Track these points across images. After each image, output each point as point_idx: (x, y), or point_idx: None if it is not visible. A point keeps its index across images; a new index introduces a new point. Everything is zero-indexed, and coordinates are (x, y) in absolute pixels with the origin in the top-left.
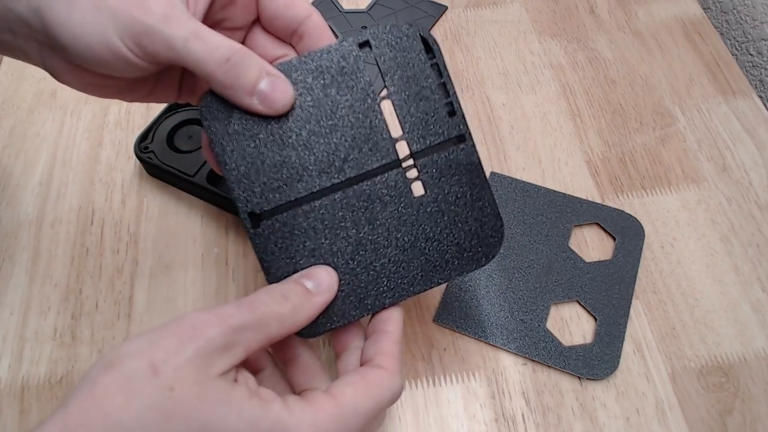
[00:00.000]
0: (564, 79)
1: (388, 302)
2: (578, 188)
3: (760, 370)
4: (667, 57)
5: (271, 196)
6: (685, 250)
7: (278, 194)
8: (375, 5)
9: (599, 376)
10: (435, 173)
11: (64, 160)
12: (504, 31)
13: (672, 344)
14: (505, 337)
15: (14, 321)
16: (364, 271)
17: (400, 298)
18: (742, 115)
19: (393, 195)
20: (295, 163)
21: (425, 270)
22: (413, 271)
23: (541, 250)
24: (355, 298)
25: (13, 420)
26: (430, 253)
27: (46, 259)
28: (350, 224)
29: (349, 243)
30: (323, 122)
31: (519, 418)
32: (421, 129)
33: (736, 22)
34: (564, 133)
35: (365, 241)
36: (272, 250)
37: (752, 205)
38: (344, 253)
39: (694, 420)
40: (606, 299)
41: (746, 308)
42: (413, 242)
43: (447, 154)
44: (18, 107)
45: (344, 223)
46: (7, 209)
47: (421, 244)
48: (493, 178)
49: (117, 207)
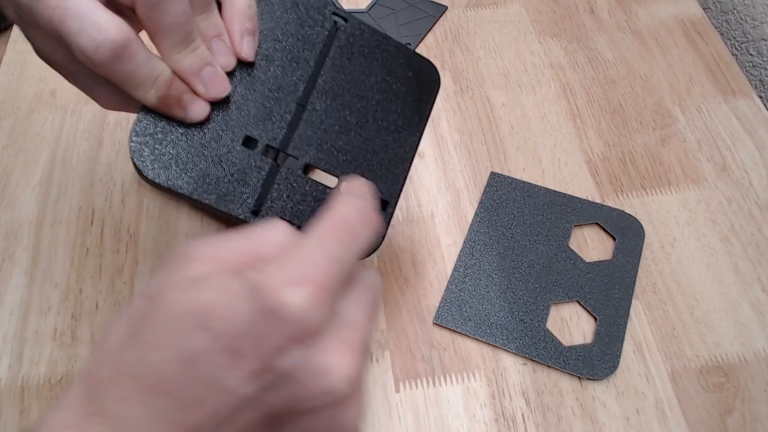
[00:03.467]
0: (564, 79)
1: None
2: (578, 188)
3: (760, 370)
4: (667, 57)
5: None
6: (685, 250)
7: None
8: (375, 5)
9: (599, 376)
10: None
11: (64, 160)
12: (504, 31)
13: (672, 344)
14: (505, 337)
15: (14, 321)
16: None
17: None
18: (742, 115)
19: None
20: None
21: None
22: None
23: (541, 250)
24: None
25: (13, 420)
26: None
27: (46, 259)
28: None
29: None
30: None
31: (519, 418)
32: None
33: (736, 22)
34: (564, 133)
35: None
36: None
37: (752, 205)
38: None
39: (694, 420)
40: (606, 299)
41: (746, 308)
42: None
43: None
44: (18, 107)
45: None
46: (7, 209)
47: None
48: (493, 178)
49: (117, 207)
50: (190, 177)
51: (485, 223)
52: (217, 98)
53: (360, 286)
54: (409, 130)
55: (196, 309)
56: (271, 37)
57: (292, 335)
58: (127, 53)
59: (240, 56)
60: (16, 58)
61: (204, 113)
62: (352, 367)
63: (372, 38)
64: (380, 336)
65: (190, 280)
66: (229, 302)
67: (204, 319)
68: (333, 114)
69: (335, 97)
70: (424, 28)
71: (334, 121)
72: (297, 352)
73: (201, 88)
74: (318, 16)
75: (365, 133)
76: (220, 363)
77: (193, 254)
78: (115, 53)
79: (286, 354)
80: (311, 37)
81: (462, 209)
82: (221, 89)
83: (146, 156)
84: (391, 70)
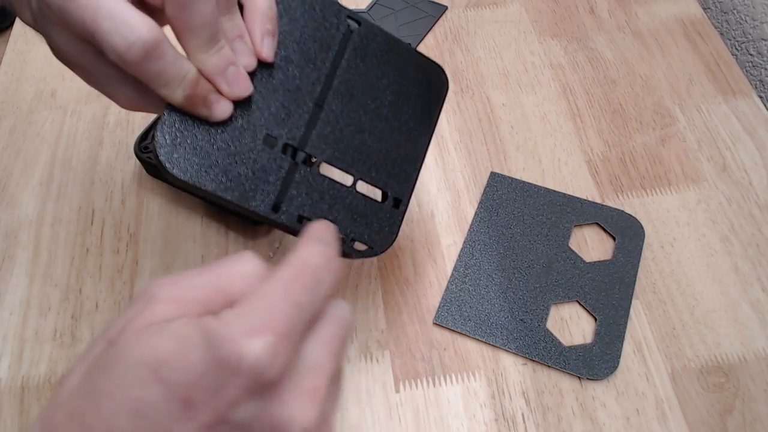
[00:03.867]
0: (564, 79)
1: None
2: (578, 188)
3: (760, 370)
4: (667, 57)
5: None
6: (685, 250)
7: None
8: (375, 5)
9: (599, 376)
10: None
11: (64, 160)
12: (504, 31)
13: (672, 344)
14: (505, 337)
15: (14, 321)
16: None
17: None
18: (742, 115)
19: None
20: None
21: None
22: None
23: (541, 250)
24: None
25: (13, 420)
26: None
27: (46, 259)
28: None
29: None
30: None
31: (519, 418)
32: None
33: (736, 22)
34: (564, 133)
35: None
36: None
37: (752, 205)
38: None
39: (694, 420)
40: (606, 299)
41: (746, 308)
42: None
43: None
44: (18, 107)
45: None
46: (7, 209)
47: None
48: (493, 178)
49: (117, 207)
50: (214, 174)
51: (485, 223)
52: (241, 97)
53: (326, 324)
54: (420, 131)
55: (151, 358)
56: (289, 39)
57: (249, 386)
58: (158, 52)
59: (260, 57)
60: (16, 58)
61: (228, 112)
62: (313, 417)
63: (384, 41)
64: (380, 336)
65: (148, 327)
66: (184, 352)
67: (157, 370)
68: (348, 114)
69: (350, 98)
70: (424, 28)
71: (350, 121)
72: (254, 403)
73: (225, 87)
74: (333, 19)
75: (378, 133)
76: (172, 414)
77: (156, 295)
78: (147, 52)
79: (242, 406)
80: (327, 39)
81: (462, 209)
82: (244, 89)
83: (172, 153)
84: (403, 72)
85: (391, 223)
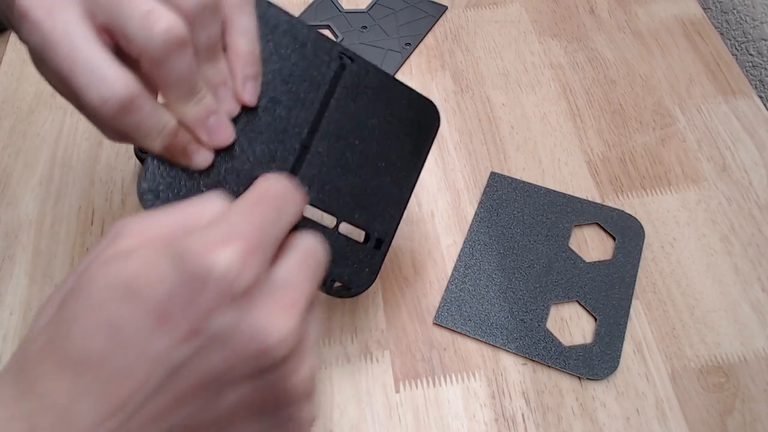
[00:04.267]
0: (564, 79)
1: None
2: (578, 188)
3: (760, 370)
4: (667, 57)
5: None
6: (685, 250)
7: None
8: (375, 5)
9: (599, 376)
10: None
11: (64, 160)
12: (504, 31)
13: (672, 344)
14: (505, 337)
15: (14, 321)
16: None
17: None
18: (742, 115)
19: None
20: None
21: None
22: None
23: (541, 250)
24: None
25: None
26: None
27: (46, 259)
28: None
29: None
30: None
31: (519, 418)
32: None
33: (736, 22)
34: (564, 133)
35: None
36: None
37: (752, 205)
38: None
39: (694, 420)
40: (606, 299)
41: (746, 308)
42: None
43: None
44: (18, 107)
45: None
46: (7, 209)
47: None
48: (493, 178)
49: (117, 207)
50: None
51: (485, 223)
52: (221, 146)
53: (296, 251)
54: (407, 171)
55: (120, 280)
56: (278, 79)
57: (222, 295)
58: (134, 107)
59: (242, 102)
60: (16, 58)
61: (208, 161)
62: (290, 327)
63: (377, 78)
64: (380, 336)
65: (116, 255)
66: (152, 269)
67: (126, 288)
68: (335, 155)
69: (338, 139)
70: (424, 28)
71: (336, 162)
72: (229, 313)
73: (205, 137)
74: (325, 57)
75: (365, 174)
76: (146, 330)
77: (123, 231)
78: (122, 107)
79: (217, 316)
80: (317, 78)
81: (462, 209)
82: (225, 138)
83: (155, 201)
84: (394, 110)
85: (371, 264)
